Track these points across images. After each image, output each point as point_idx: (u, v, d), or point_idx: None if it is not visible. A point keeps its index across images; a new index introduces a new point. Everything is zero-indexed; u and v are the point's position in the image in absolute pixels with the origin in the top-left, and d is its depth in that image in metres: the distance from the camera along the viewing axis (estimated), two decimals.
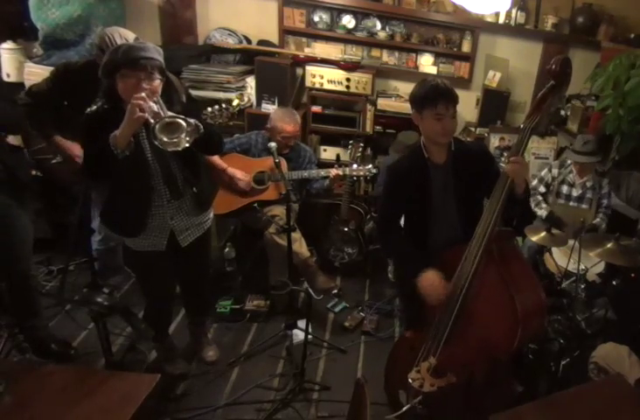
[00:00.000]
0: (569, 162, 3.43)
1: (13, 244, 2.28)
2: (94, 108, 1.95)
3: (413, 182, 2.04)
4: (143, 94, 1.79)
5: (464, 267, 1.83)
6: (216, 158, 2.88)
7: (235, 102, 3.32)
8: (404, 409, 1.96)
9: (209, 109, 2.08)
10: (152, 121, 1.78)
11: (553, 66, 1.68)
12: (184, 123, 1.81)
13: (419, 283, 1.95)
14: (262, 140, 3.14)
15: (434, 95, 1.88)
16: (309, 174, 3.10)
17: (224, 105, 2.13)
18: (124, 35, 2.43)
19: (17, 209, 2.28)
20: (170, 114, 1.82)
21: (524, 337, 1.77)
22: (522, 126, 1.80)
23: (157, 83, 1.90)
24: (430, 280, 1.93)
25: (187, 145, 1.83)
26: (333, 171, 3.09)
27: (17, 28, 3.34)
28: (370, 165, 3.05)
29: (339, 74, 3.62)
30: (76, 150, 2.61)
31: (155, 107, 1.81)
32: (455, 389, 1.92)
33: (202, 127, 1.89)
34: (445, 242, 2.01)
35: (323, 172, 3.09)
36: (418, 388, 1.91)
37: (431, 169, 2.03)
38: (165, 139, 1.80)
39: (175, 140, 1.81)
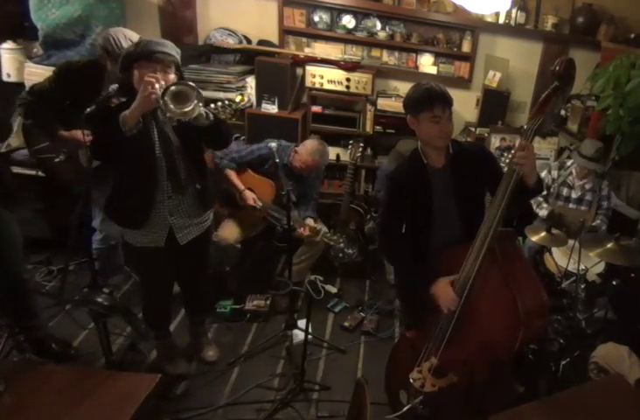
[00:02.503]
0: (568, 164, 3.44)
1: (3, 249, 2.27)
2: (94, 108, 1.96)
3: (413, 189, 2.02)
4: (157, 75, 1.85)
5: (467, 267, 1.83)
6: (234, 177, 3.01)
7: (238, 98, 3.32)
8: (405, 409, 1.96)
9: (212, 105, 2.09)
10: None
11: (557, 68, 1.67)
12: (190, 89, 1.85)
13: (433, 294, 1.93)
14: (284, 157, 3.06)
15: (430, 98, 1.87)
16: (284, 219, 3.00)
17: (227, 101, 2.13)
18: (129, 36, 2.44)
19: (3, 214, 2.26)
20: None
21: (525, 338, 1.77)
22: (525, 127, 1.79)
23: (172, 78, 1.95)
24: (444, 291, 1.90)
25: (201, 109, 1.88)
26: (304, 230, 3.00)
27: (17, 28, 3.34)
28: (341, 244, 2.96)
29: (339, 74, 3.62)
30: (79, 136, 2.60)
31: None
32: (456, 390, 1.92)
33: (212, 115, 1.94)
34: (447, 244, 2.01)
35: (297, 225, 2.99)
36: (419, 388, 1.91)
37: (431, 174, 2.01)
38: (177, 110, 1.84)
39: (188, 109, 1.85)
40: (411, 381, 1.92)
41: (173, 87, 1.83)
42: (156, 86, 1.82)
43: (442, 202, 2.03)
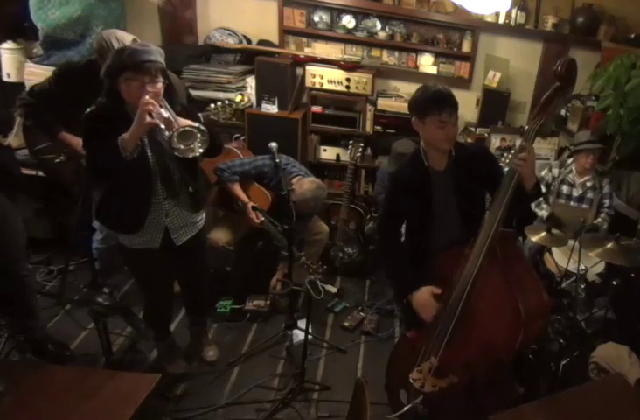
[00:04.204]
0: (569, 162, 3.44)
1: (6, 244, 2.26)
2: (94, 108, 1.97)
3: (414, 190, 2.02)
4: (152, 100, 1.85)
5: (467, 267, 1.82)
6: (238, 190, 2.96)
7: (238, 98, 3.31)
8: (405, 408, 1.96)
9: (212, 105, 2.09)
10: (162, 126, 1.85)
11: (559, 68, 1.65)
12: (196, 131, 1.88)
13: (413, 301, 2.00)
14: (284, 180, 2.87)
15: (439, 102, 1.85)
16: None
17: (227, 101, 2.13)
18: (121, 39, 2.43)
19: (10, 209, 2.27)
20: (182, 124, 1.89)
21: (526, 339, 1.77)
22: (527, 128, 1.78)
23: (160, 86, 1.95)
24: (422, 300, 1.98)
25: (202, 151, 1.91)
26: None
27: (17, 28, 3.34)
28: (320, 275, 2.83)
29: (339, 74, 3.62)
30: (81, 146, 2.62)
31: (164, 113, 1.87)
32: (457, 390, 1.92)
33: (205, 128, 1.94)
34: (446, 245, 2.01)
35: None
36: (419, 388, 1.91)
37: (432, 176, 2.01)
38: (182, 147, 1.88)
39: (191, 146, 1.90)
40: (411, 381, 1.92)
41: (181, 129, 1.86)
42: (154, 112, 1.84)
43: (443, 204, 2.03)
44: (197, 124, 1.90)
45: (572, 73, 1.67)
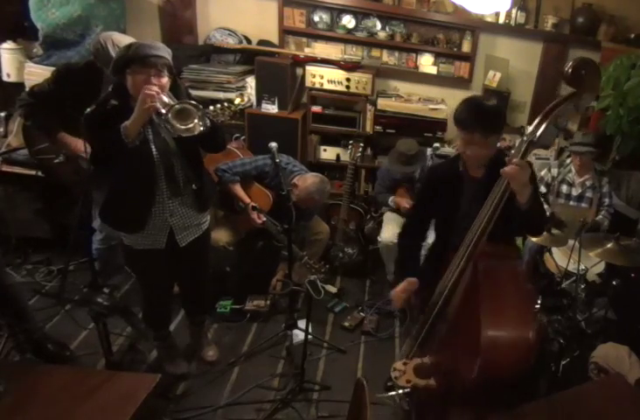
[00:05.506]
0: (568, 161, 3.44)
1: None
2: (94, 107, 1.97)
3: (444, 190, 2.01)
4: (155, 87, 1.86)
5: (447, 275, 1.78)
6: (239, 191, 2.95)
7: (237, 101, 3.30)
8: (390, 393, 1.93)
9: (211, 108, 2.08)
10: (163, 111, 1.84)
11: (567, 70, 1.49)
12: (194, 109, 1.87)
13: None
14: (284, 179, 2.86)
15: (462, 121, 1.79)
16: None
17: (226, 104, 2.13)
18: (117, 42, 2.43)
19: None
20: (178, 101, 1.89)
21: (486, 370, 1.53)
22: (525, 138, 1.62)
23: (166, 80, 1.96)
24: (396, 290, 2.02)
25: (202, 129, 1.89)
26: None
27: (17, 28, 3.34)
28: (322, 274, 2.90)
29: (339, 74, 3.62)
30: (80, 146, 2.61)
31: (165, 98, 1.87)
32: (435, 395, 1.87)
33: (209, 121, 1.94)
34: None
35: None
36: (393, 378, 1.87)
37: (465, 181, 1.97)
38: (179, 126, 1.86)
39: (190, 126, 1.88)
40: (391, 369, 1.89)
41: (177, 106, 1.85)
42: (155, 97, 1.84)
43: (469, 209, 1.95)
44: (193, 102, 1.89)
45: (580, 75, 1.50)
